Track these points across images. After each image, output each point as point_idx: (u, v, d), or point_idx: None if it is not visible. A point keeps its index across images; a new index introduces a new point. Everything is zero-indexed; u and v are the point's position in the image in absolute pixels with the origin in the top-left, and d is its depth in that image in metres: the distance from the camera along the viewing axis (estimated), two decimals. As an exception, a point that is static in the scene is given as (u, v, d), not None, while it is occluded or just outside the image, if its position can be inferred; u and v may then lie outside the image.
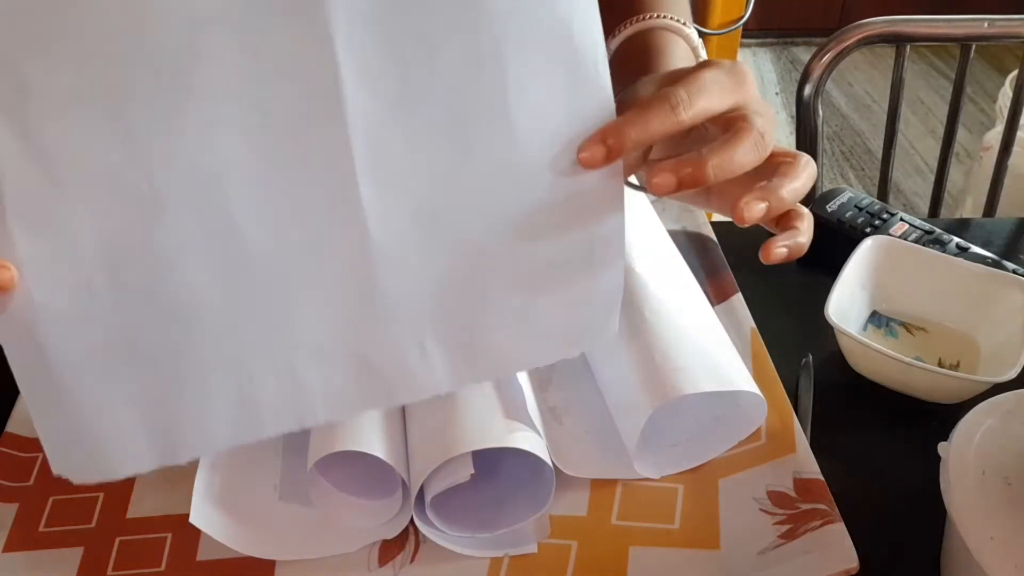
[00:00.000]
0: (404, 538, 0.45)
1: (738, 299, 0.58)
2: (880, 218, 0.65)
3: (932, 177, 1.21)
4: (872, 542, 0.43)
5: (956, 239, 0.63)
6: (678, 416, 0.48)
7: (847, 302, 0.57)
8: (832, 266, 0.57)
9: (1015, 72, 1.04)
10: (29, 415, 0.39)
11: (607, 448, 0.48)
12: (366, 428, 0.44)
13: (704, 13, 1.47)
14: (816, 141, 0.97)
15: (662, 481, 0.47)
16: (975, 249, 0.62)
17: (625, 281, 0.40)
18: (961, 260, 0.58)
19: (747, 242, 0.41)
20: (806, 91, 0.94)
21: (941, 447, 0.42)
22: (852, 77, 2.76)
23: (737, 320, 0.57)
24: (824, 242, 0.58)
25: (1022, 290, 0.55)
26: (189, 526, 0.42)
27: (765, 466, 0.47)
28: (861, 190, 0.95)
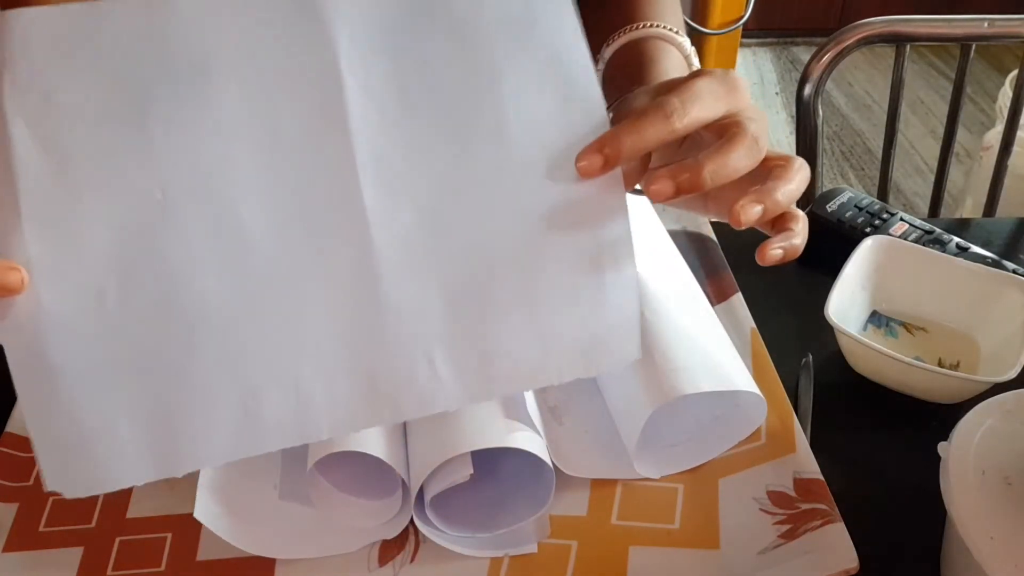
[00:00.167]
0: (404, 538, 0.45)
1: (738, 299, 0.58)
2: (880, 218, 0.65)
3: (932, 177, 1.21)
4: (872, 542, 0.43)
5: (956, 239, 0.63)
6: (678, 416, 0.48)
7: (847, 302, 0.57)
8: (832, 266, 0.57)
9: (1015, 72, 1.04)
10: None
11: (607, 448, 0.48)
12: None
13: (704, 13, 1.47)
14: (816, 141, 0.97)
15: (662, 481, 0.47)
16: (975, 249, 0.62)
17: None
18: (961, 260, 0.58)
19: (747, 242, 0.41)
20: (806, 91, 0.94)
21: (941, 447, 0.42)
22: (852, 77, 2.76)
23: (737, 320, 0.57)
24: (824, 242, 0.58)
25: (1022, 290, 0.55)
26: (189, 526, 0.42)
27: (765, 466, 0.47)
28: (861, 190, 0.96)
